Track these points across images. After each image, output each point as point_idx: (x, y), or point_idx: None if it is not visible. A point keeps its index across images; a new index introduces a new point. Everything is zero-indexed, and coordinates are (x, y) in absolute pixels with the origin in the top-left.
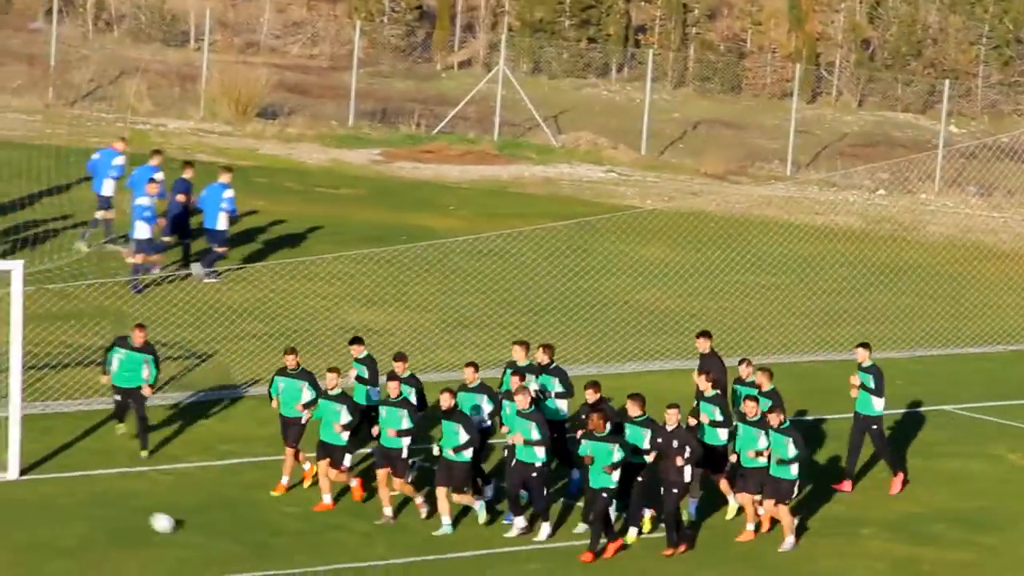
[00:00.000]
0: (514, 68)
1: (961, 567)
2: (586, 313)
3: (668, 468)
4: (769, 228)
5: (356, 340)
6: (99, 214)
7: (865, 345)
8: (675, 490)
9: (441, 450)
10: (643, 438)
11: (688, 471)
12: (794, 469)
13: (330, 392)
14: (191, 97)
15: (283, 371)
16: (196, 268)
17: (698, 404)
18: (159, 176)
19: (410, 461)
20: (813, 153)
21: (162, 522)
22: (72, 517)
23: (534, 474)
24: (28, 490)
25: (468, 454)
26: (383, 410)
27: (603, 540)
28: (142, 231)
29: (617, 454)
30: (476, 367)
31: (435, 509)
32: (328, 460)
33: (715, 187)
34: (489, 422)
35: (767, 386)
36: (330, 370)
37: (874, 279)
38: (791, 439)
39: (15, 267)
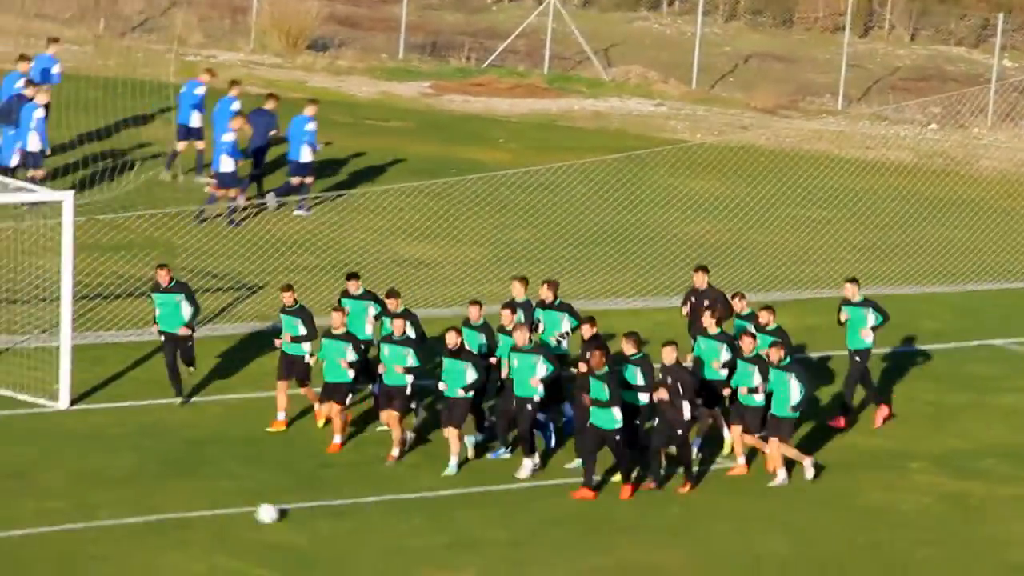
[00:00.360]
0: (565, 1)
1: (1011, 501)
2: (635, 246)
3: (666, 407)
4: (820, 162)
5: (352, 276)
6: (180, 145)
7: (853, 280)
8: (679, 430)
9: (448, 389)
10: (635, 378)
11: (687, 408)
12: (792, 408)
13: (334, 331)
14: (241, 29)
15: (282, 308)
16: (270, 199)
17: (695, 340)
18: (237, 107)
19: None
20: (865, 87)
21: (267, 513)
22: (122, 447)
23: (528, 406)
24: (78, 420)
25: (472, 393)
26: (386, 348)
27: (595, 477)
28: (226, 164)
29: (610, 391)
30: (480, 305)
31: (401, 456)
32: (335, 400)
33: (765, 121)
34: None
35: (772, 324)
36: (334, 309)
37: (925, 213)
38: (793, 376)
39: (65, 198)
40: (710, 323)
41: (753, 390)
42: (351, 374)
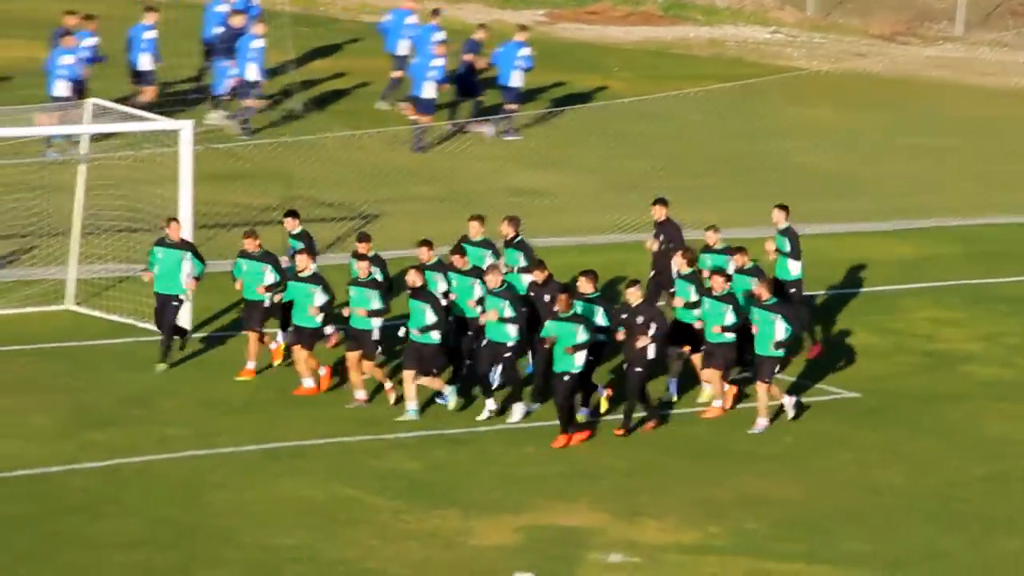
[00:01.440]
0: None
1: None
2: (750, 176)
3: (630, 346)
4: (938, 90)
5: (290, 213)
6: (394, 74)
7: (782, 207)
8: (638, 368)
9: (407, 331)
10: (595, 316)
11: (652, 349)
12: (775, 346)
13: (301, 274)
14: None
15: (244, 253)
16: (488, 128)
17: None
18: (441, 35)
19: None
20: (984, 13)
21: None
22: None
23: (507, 354)
24: (198, 348)
25: (436, 335)
26: (352, 290)
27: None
28: (428, 91)
29: (582, 335)
30: (431, 245)
31: (370, 399)
32: (302, 345)
33: (883, 48)
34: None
35: (748, 263)
36: (298, 252)
37: None
38: (779, 316)
39: (184, 126)
40: (681, 263)
41: (728, 328)
42: (319, 319)
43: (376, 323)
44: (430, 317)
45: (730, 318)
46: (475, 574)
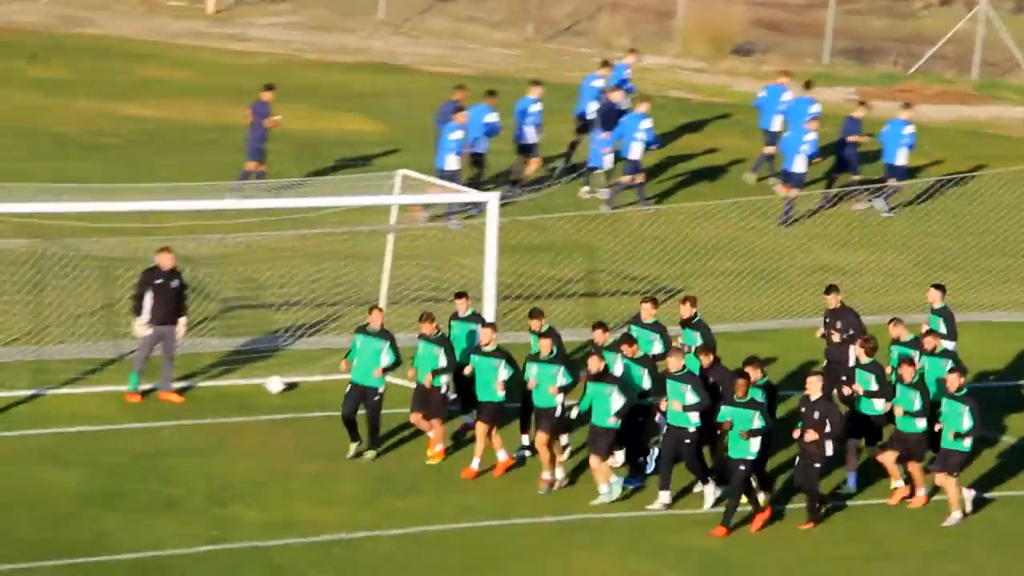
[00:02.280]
0: (996, 6)
1: None
2: None
3: (807, 441)
4: None
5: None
6: (767, 150)
7: (938, 287)
8: (817, 464)
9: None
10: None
11: (829, 446)
12: (967, 442)
13: (485, 349)
14: (666, 32)
15: (363, 328)
16: (879, 203)
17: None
18: (816, 108)
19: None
20: None
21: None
22: None
23: (687, 440)
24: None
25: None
26: (534, 367)
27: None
28: (799, 165)
29: (757, 421)
30: (606, 328)
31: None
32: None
33: None
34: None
35: (939, 347)
36: (486, 325)
37: None
38: (968, 409)
39: (491, 199)
40: (860, 352)
41: (916, 414)
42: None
43: (559, 399)
44: (616, 401)
45: (918, 404)
46: None
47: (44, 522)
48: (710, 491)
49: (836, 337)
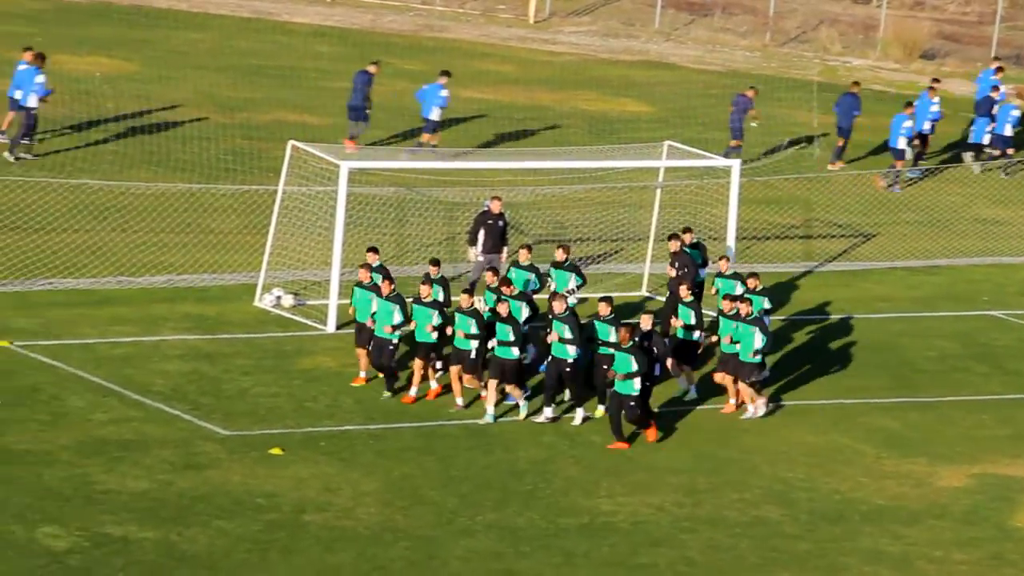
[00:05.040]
0: None
1: None
2: None
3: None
4: None
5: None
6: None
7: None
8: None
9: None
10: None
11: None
12: (753, 354)
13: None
14: (870, 41)
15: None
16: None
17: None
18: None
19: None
20: None
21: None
22: None
23: (567, 368)
24: None
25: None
26: (456, 316)
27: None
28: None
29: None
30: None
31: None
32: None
33: None
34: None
35: (759, 286)
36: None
37: None
38: (757, 329)
39: (734, 164)
40: (685, 293)
41: (735, 341)
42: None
43: (473, 344)
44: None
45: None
46: (935, 505)
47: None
48: (580, 413)
49: (673, 273)
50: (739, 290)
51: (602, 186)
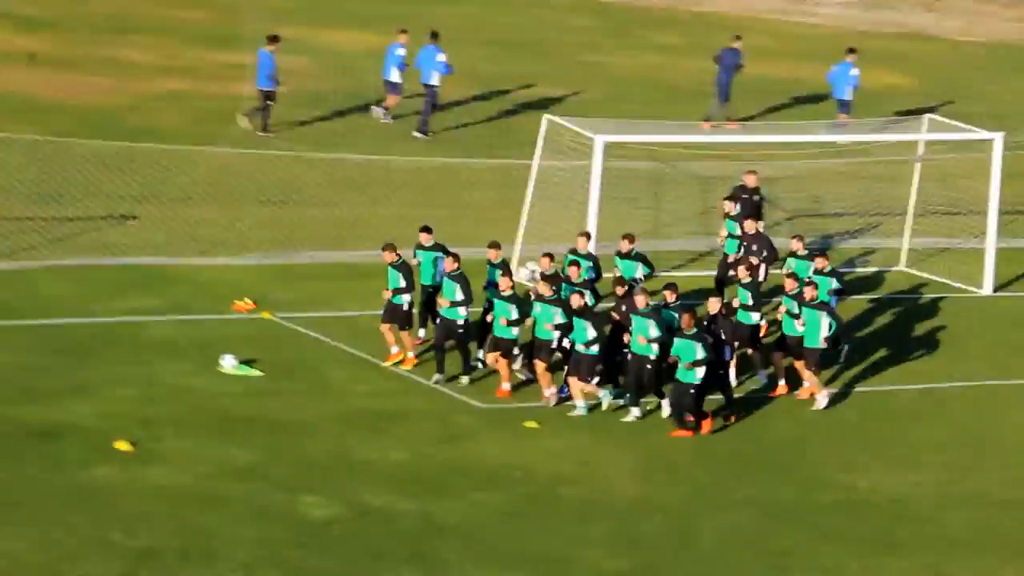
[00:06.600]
0: None
1: None
2: None
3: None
4: None
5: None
6: None
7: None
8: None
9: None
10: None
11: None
12: (822, 341)
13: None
14: None
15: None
16: None
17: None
18: None
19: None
20: None
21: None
22: None
23: (648, 366)
24: (996, 303)
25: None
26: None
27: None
28: None
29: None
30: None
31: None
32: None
33: None
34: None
35: (827, 267)
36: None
37: None
38: (824, 314)
39: (996, 137)
40: (744, 274)
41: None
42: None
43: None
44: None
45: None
46: None
47: None
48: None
49: (753, 260)
50: (811, 270)
51: (861, 160)
